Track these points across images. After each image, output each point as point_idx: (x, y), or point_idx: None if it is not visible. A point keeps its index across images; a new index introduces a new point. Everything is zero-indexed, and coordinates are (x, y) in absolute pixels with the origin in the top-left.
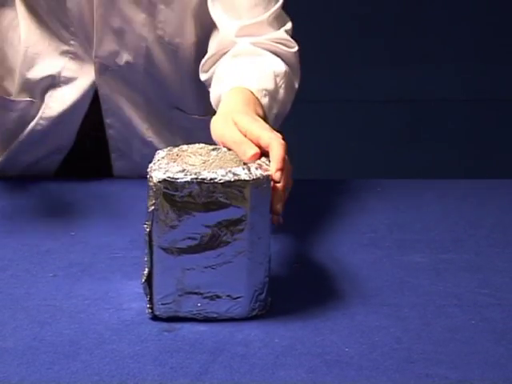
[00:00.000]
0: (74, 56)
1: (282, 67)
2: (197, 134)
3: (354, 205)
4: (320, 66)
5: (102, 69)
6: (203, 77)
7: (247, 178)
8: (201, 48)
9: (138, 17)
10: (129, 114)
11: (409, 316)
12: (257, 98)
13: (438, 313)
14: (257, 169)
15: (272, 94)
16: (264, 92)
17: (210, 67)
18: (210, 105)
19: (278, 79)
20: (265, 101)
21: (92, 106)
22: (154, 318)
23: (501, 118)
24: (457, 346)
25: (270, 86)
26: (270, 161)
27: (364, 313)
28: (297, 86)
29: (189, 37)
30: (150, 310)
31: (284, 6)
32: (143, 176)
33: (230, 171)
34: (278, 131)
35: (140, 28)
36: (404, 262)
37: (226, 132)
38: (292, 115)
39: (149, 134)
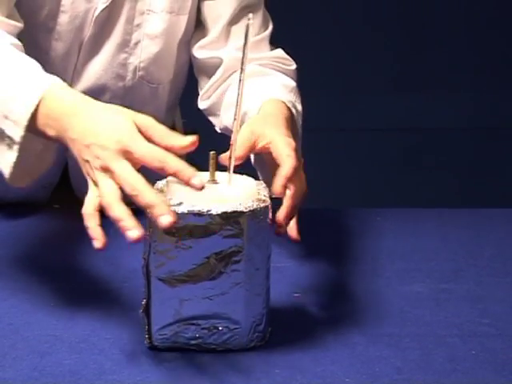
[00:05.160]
0: None
1: (292, 83)
2: None
3: (354, 234)
4: (320, 95)
5: None
6: (203, 105)
7: (244, 210)
8: (175, 84)
9: (119, 57)
10: None
11: (409, 346)
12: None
13: (438, 343)
14: (254, 200)
15: (295, 106)
16: (291, 104)
17: (212, 94)
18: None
19: (292, 94)
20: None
21: None
22: (153, 348)
23: (501, 146)
24: (457, 376)
25: (292, 99)
26: (269, 189)
27: (364, 343)
28: None
29: (168, 74)
30: (148, 341)
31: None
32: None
33: None
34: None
35: (119, 68)
36: (404, 291)
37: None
38: None
39: None
